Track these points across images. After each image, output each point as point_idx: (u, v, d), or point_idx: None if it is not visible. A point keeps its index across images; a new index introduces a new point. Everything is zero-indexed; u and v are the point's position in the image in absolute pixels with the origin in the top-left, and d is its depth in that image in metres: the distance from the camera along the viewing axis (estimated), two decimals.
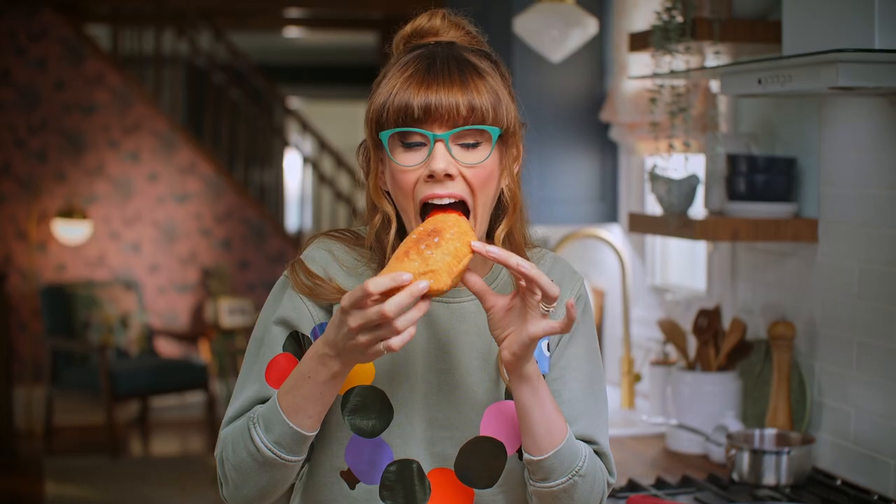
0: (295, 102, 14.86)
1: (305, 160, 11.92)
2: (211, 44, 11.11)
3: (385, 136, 1.90)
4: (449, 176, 1.87)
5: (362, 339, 1.74)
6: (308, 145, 13.17)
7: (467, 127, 1.87)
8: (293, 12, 11.32)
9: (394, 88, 1.88)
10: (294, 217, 13.90)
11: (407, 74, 1.88)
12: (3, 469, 8.28)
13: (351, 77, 14.79)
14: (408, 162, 1.89)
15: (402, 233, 1.96)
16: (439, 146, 1.87)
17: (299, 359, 1.96)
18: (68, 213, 9.58)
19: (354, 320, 1.73)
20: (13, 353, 9.27)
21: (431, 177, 1.87)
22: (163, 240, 10.23)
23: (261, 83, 11.48)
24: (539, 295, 1.79)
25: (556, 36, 4.16)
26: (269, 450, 1.88)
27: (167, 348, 10.21)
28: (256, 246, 10.58)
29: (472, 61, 1.92)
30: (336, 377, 1.83)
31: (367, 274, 1.98)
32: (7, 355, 8.81)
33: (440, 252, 1.77)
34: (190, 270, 10.34)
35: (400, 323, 1.72)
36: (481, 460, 2.01)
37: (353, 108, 15.49)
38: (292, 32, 12.56)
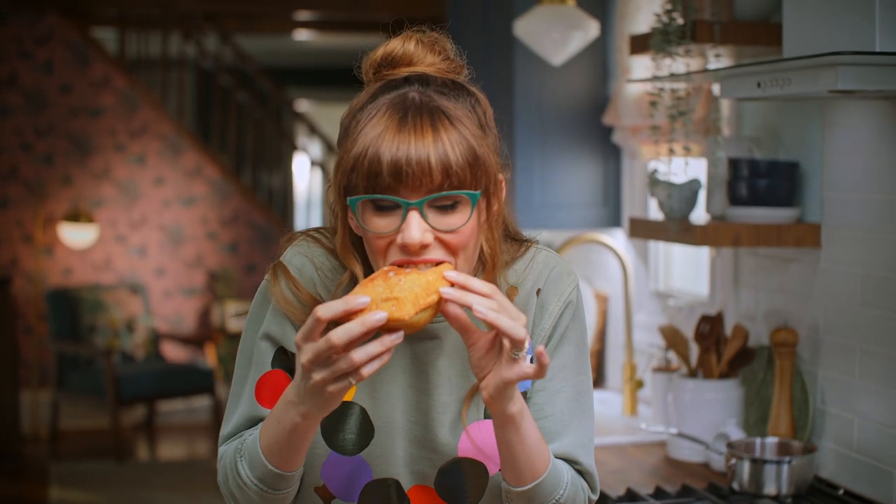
0: (303, 105, 14.83)
1: (313, 163, 11.89)
2: (218, 47, 11.08)
3: (354, 203, 1.77)
4: (425, 246, 1.75)
5: (317, 377, 1.64)
6: (316, 148, 13.14)
7: (442, 194, 1.74)
8: (302, 15, 11.29)
9: (364, 148, 1.74)
10: (303, 220, 13.87)
11: (377, 132, 1.74)
12: (8, 474, 8.26)
13: (360, 80, 14.74)
14: (380, 228, 1.76)
15: None
16: (413, 215, 1.73)
17: (289, 373, 1.92)
18: (74, 216, 9.56)
19: (305, 355, 1.64)
20: (19, 357, 9.23)
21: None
22: (169, 243, 10.20)
23: (268, 86, 11.45)
24: (507, 340, 1.68)
25: (557, 39, 4.12)
26: (255, 485, 1.84)
27: (173, 352, 10.18)
28: (263, 249, 10.55)
29: (447, 110, 1.77)
30: (297, 430, 1.76)
31: (344, 286, 1.90)
32: (13, 359, 8.80)
33: (409, 280, 1.65)
34: (196, 274, 10.31)
35: (357, 356, 1.61)
36: (462, 481, 1.94)
37: None
38: (301, 35, 12.52)
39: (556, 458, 1.90)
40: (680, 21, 3.28)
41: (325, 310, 1.62)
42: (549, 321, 1.95)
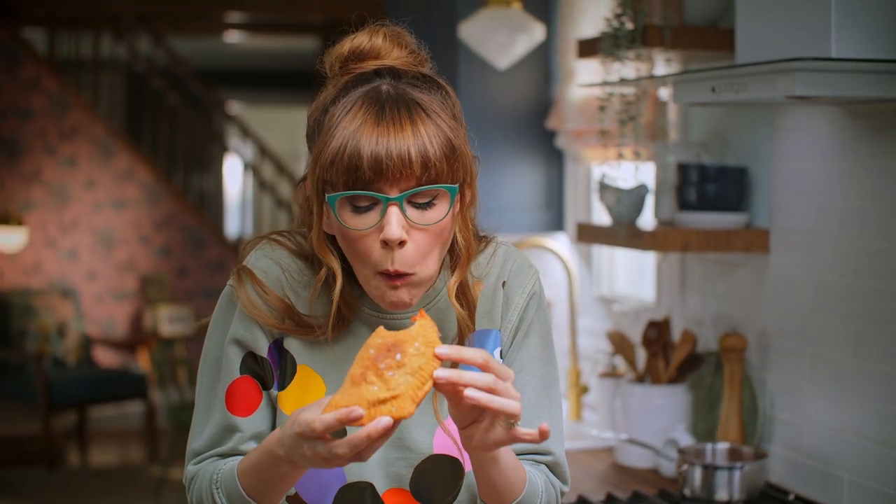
0: (235, 108, 14.74)
1: (246, 166, 11.82)
2: (150, 48, 10.98)
3: (333, 200, 1.76)
4: (403, 242, 1.75)
5: (318, 462, 1.65)
6: (248, 151, 13.06)
7: (422, 188, 1.74)
8: (233, 17, 11.21)
9: (343, 142, 1.73)
10: (234, 223, 13.78)
11: (355, 127, 1.73)
12: None
13: (292, 82, 14.69)
14: (360, 225, 1.76)
15: (347, 286, 1.86)
16: (393, 210, 1.73)
17: (258, 380, 1.90)
18: (4, 219, 9.44)
19: (308, 449, 1.63)
20: None
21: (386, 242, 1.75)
22: (100, 247, 10.09)
23: (200, 88, 11.36)
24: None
25: (503, 42, 4.09)
26: None
27: (105, 357, 10.06)
28: (195, 253, 10.46)
29: (423, 102, 1.78)
30: (289, 478, 1.75)
31: (322, 296, 1.88)
32: None
33: (402, 372, 1.61)
34: (128, 278, 10.20)
35: (364, 455, 1.62)
36: (438, 479, 1.93)
37: (293, 114, 15.34)
38: (232, 37, 12.44)
39: (528, 452, 1.93)
40: (630, 25, 3.27)
41: (322, 424, 1.59)
42: (515, 314, 1.96)
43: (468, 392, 1.61)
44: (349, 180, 1.73)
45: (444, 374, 1.61)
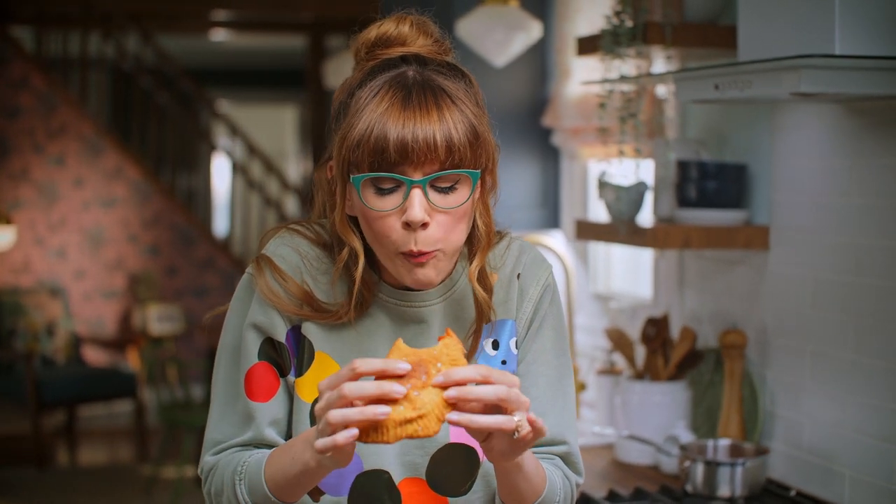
0: (224, 106, 14.72)
1: (234, 164, 11.80)
2: (138, 47, 10.96)
3: (358, 181, 1.79)
4: (425, 225, 1.78)
5: (319, 425, 1.65)
6: (237, 149, 13.05)
7: (446, 172, 1.78)
8: (220, 15, 11.20)
9: (370, 125, 1.76)
10: (223, 222, 13.76)
11: (382, 110, 1.77)
12: None
13: (280, 81, 14.69)
14: (383, 206, 1.79)
15: (366, 269, 1.88)
16: (416, 192, 1.77)
17: (276, 367, 1.92)
18: None
19: (321, 403, 1.64)
20: None
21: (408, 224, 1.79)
22: (89, 245, 10.06)
23: (189, 87, 11.34)
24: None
25: (500, 40, 4.10)
26: None
27: (94, 356, 10.04)
28: (184, 252, 10.44)
29: (448, 89, 1.81)
30: (308, 472, 1.75)
31: (341, 281, 1.90)
32: None
33: (428, 393, 1.63)
34: (117, 277, 10.18)
35: (337, 456, 1.65)
36: (454, 468, 1.94)
37: (282, 113, 15.34)
38: (219, 35, 12.42)
39: (543, 444, 1.95)
40: (630, 23, 3.27)
41: (364, 363, 1.62)
42: (529, 306, 1.99)
43: (449, 416, 1.62)
44: (374, 162, 1.76)
45: (453, 392, 1.63)
